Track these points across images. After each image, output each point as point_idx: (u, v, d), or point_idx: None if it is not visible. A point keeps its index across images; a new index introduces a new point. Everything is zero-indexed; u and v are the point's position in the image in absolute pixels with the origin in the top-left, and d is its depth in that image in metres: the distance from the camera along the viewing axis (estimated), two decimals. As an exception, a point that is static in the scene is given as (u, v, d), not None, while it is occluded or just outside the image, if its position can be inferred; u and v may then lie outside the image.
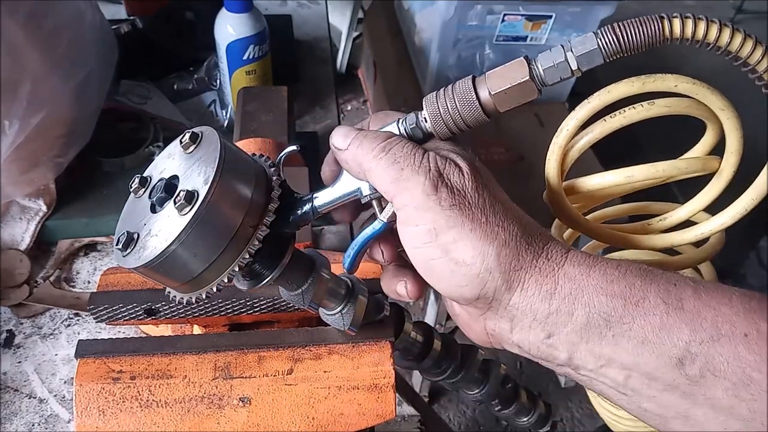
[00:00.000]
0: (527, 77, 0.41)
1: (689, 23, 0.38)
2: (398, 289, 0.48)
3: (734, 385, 0.36)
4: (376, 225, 0.44)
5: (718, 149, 0.52)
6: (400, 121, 0.45)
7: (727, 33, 0.38)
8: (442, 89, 0.44)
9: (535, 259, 0.41)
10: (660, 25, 0.38)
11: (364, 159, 0.43)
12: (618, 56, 0.40)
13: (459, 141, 0.46)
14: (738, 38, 0.38)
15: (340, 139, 0.45)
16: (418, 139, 0.45)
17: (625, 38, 0.39)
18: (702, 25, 0.38)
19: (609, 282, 0.40)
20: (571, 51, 0.40)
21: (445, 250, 0.41)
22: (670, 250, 0.56)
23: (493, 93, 0.42)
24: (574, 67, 0.40)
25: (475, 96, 0.42)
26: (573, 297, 0.40)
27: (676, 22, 0.38)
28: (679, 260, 0.57)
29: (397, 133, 0.45)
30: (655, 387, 0.39)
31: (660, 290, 0.39)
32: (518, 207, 0.44)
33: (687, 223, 0.54)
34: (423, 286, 0.47)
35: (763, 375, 0.36)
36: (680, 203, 0.56)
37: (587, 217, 0.58)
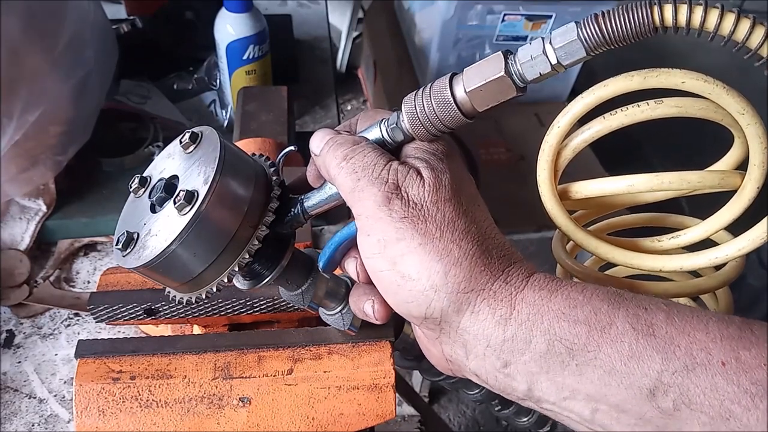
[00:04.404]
0: (502, 72, 0.38)
1: (683, 9, 0.34)
2: (365, 307, 0.46)
3: (712, 419, 0.33)
4: (353, 226, 0.44)
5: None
6: (383, 121, 0.43)
7: (730, 19, 0.34)
8: (421, 87, 0.41)
9: (490, 282, 0.39)
10: (649, 12, 0.34)
11: (330, 166, 0.42)
12: (603, 48, 0.36)
13: (462, 140, 0.44)
14: (744, 25, 0.34)
15: (315, 143, 0.44)
16: (399, 140, 0.43)
17: (610, 28, 0.35)
18: (699, 11, 0.34)
19: (572, 307, 0.37)
20: (551, 43, 0.37)
21: (393, 262, 0.39)
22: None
23: (468, 90, 0.39)
24: (553, 61, 0.37)
25: (450, 94, 0.39)
26: (531, 323, 0.37)
27: (668, 9, 0.34)
28: (688, 285, 0.51)
29: (380, 134, 0.43)
30: (626, 422, 0.36)
31: (629, 315, 0.36)
32: (492, 225, 0.41)
33: (702, 243, 0.48)
34: (389, 308, 0.44)
35: (743, 408, 0.33)
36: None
37: (592, 227, 0.53)
